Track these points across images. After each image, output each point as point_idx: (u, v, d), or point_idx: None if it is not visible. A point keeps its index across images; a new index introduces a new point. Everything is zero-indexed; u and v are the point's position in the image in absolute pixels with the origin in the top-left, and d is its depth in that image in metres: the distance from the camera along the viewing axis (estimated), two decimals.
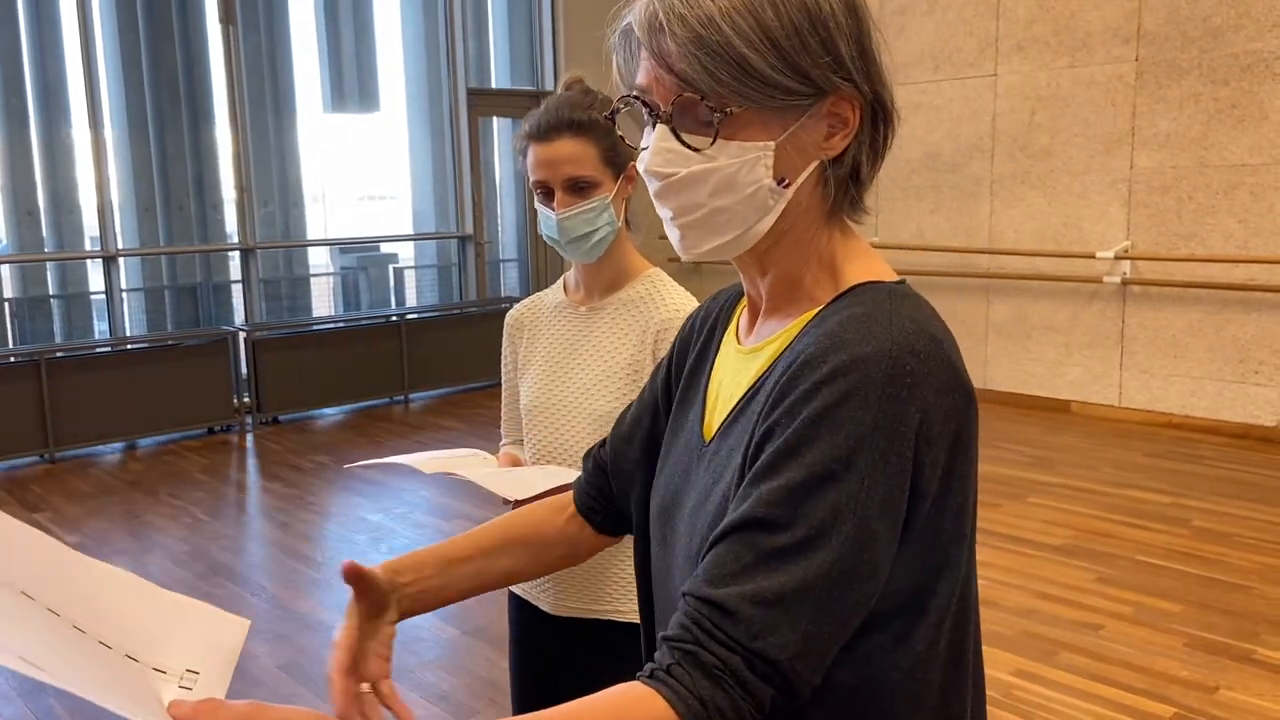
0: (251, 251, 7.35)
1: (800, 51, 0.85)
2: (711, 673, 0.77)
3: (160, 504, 5.24)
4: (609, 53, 0.97)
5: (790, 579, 0.78)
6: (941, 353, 0.84)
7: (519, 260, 8.93)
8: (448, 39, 8.09)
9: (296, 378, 7.04)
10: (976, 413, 0.86)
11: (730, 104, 0.86)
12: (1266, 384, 5.82)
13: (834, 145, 0.90)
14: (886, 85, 0.92)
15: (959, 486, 0.86)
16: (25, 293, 6.91)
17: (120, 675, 0.78)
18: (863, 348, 0.82)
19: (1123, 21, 6.15)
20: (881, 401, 0.80)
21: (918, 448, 0.81)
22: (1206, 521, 4.53)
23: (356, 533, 4.80)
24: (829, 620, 0.79)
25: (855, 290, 0.91)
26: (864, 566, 0.80)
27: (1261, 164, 5.71)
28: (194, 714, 0.76)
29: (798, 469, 0.80)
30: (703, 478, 0.95)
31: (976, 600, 0.92)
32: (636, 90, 0.92)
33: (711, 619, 0.79)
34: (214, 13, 7.12)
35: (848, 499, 0.79)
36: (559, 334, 1.82)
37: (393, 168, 8.51)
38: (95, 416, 6.25)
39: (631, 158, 1.75)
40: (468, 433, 6.63)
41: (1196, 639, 3.42)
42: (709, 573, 0.81)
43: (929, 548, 0.85)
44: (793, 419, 0.82)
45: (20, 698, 3.27)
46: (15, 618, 0.75)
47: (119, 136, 6.97)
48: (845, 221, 0.96)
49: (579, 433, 1.74)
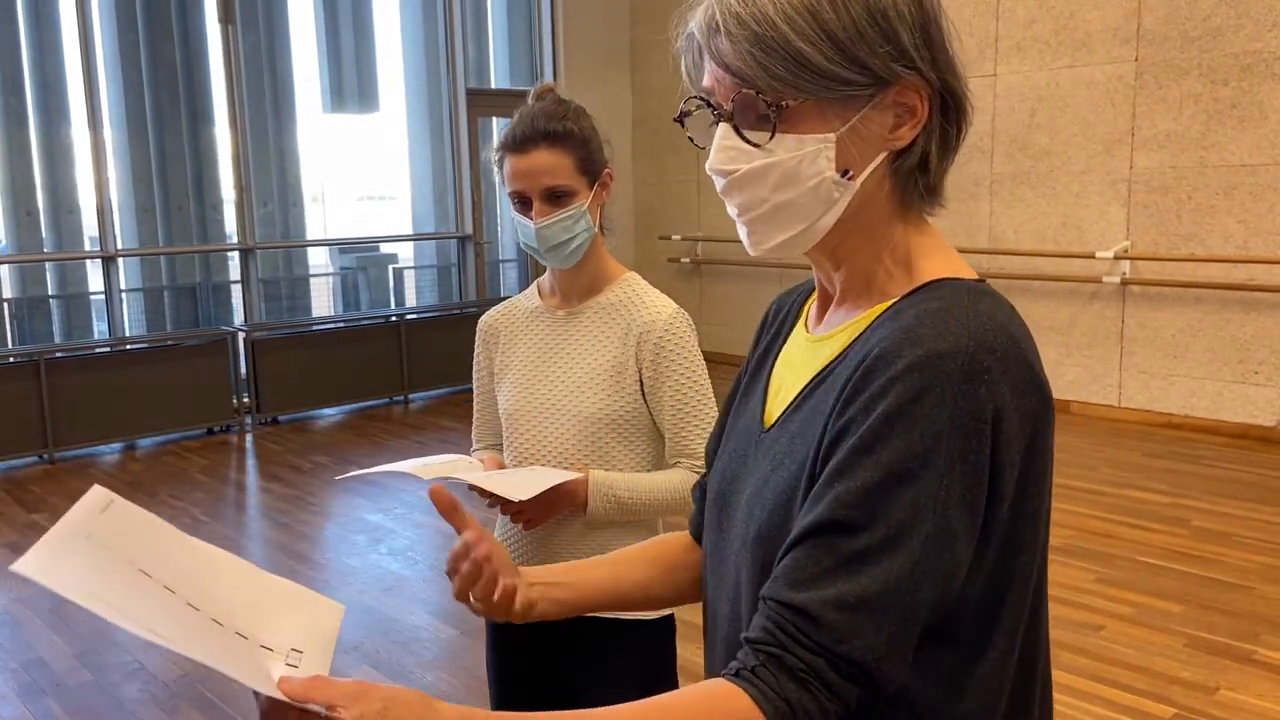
0: (251, 252, 7.35)
1: (857, 42, 0.84)
2: (797, 675, 0.78)
3: (159, 504, 5.24)
4: (675, 56, 0.98)
5: (873, 582, 0.78)
6: (1020, 352, 0.83)
7: (518, 260, 8.93)
8: (447, 39, 8.09)
9: (296, 378, 7.04)
10: (1053, 417, 0.85)
11: (786, 97, 0.85)
12: (1266, 384, 5.82)
13: (902, 136, 0.89)
14: (957, 74, 0.91)
15: (1034, 491, 0.84)
16: (25, 293, 6.90)
17: (233, 649, 0.82)
18: (939, 343, 0.81)
19: (1122, 21, 6.15)
20: (957, 398, 0.79)
21: (995, 448, 0.80)
22: (1206, 522, 4.52)
23: (356, 533, 4.80)
24: (913, 620, 0.79)
25: (932, 285, 0.89)
26: (946, 564, 0.79)
27: (1261, 164, 5.71)
28: (304, 689, 0.78)
29: (874, 469, 0.79)
30: (761, 464, 0.95)
31: (1047, 610, 0.91)
32: (703, 93, 0.93)
33: (795, 624, 0.78)
34: (213, 12, 7.12)
35: (927, 497, 0.78)
36: (537, 338, 1.83)
37: (392, 168, 8.51)
38: (94, 417, 6.25)
39: (605, 165, 1.76)
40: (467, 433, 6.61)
41: (1196, 639, 3.42)
42: (789, 576, 0.81)
43: (1003, 553, 0.84)
44: (867, 415, 0.81)
45: (19, 698, 3.27)
46: (138, 593, 0.80)
47: (118, 137, 6.97)
48: (921, 216, 0.95)
49: (562, 434, 1.76)
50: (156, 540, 0.89)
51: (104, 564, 0.81)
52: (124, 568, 0.82)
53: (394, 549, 4.57)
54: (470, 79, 8.25)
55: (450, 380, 7.72)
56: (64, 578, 0.75)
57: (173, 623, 0.79)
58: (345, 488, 5.47)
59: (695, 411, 1.73)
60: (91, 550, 0.81)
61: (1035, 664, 0.90)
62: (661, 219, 8.83)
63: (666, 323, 1.73)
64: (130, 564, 0.83)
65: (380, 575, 4.27)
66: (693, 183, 8.64)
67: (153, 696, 3.27)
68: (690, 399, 1.73)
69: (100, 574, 0.79)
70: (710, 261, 8.59)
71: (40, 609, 3.95)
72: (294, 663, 0.85)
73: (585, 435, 1.74)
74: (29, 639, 3.70)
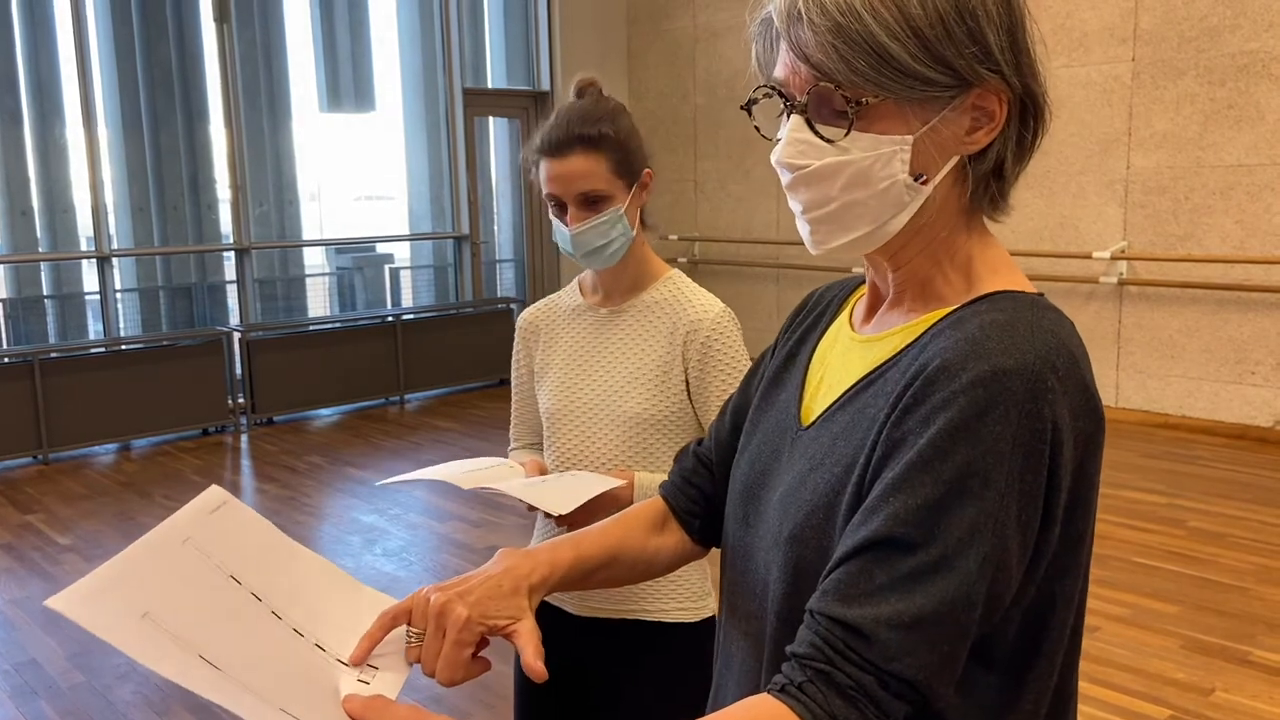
0: (246, 251, 7.33)
1: (944, 41, 0.82)
2: (846, 693, 0.76)
3: (154, 505, 5.22)
4: (747, 40, 0.94)
5: (928, 601, 0.76)
6: (1079, 373, 0.81)
7: (515, 260, 8.92)
8: (444, 38, 8.07)
9: (291, 378, 7.02)
10: (1104, 439, 0.83)
11: (866, 94, 0.83)
12: (1263, 384, 5.82)
13: (977, 140, 0.86)
14: (1039, 78, 0.89)
15: (1081, 514, 0.83)
16: (19, 293, 6.88)
17: (302, 668, 0.84)
18: (1005, 359, 0.78)
19: (1119, 21, 6.14)
20: (1021, 417, 0.77)
21: (1051, 469, 0.78)
22: (1202, 522, 4.52)
23: (350, 534, 4.79)
24: (965, 640, 0.77)
25: (995, 296, 0.87)
26: (1000, 585, 0.78)
27: (1258, 164, 5.71)
28: (364, 710, 0.80)
29: (933, 485, 0.77)
30: (798, 461, 0.93)
31: (1082, 633, 0.91)
32: (774, 82, 0.89)
33: (845, 640, 0.77)
34: (209, 11, 7.10)
35: (986, 517, 0.76)
36: (579, 336, 1.79)
37: (389, 167, 8.49)
38: (89, 417, 6.23)
39: (645, 165, 1.74)
40: (464, 434, 6.61)
41: (1192, 640, 3.41)
42: (840, 591, 0.79)
43: (1049, 576, 0.82)
44: (927, 428, 0.79)
45: (11, 701, 3.26)
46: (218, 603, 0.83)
47: (113, 136, 6.95)
48: (984, 225, 0.92)
49: (607, 436, 1.72)
50: (259, 545, 0.91)
51: (190, 572, 0.84)
52: (213, 575, 0.85)
53: (388, 550, 4.56)
54: (467, 78, 8.24)
55: (447, 381, 7.71)
56: (101, 616, 0.77)
57: (242, 642, 0.81)
58: (340, 489, 5.46)
59: None
60: (185, 555, 0.84)
61: (1069, 686, 0.89)
62: (659, 219, 8.77)
63: (714, 321, 1.70)
64: (221, 569, 0.86)
65: (375, 577, 4.26)
66: (690, 183, 8.64)
67: (145, 699, 3.26)
68: None
69: (178, 585, 0.82)
70: (707, 261, 8.59)
71: (33, 611, 3.94)
72: (366, 679, 0.86)
73: (630, 436, 1.71)
74: (22, 641, 3.69)
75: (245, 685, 0.78)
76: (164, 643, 0.78)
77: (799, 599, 0.86)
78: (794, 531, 0.88)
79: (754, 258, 8.30)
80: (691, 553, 1.14)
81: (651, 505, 1.14)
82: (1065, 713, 0.89)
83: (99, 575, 0.81)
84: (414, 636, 0.92)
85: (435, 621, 0.91)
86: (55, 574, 4.31)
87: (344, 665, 0.87)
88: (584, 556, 1.04)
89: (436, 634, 0.91)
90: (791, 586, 0.88)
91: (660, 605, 1.71)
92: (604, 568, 1.07)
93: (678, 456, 1.18)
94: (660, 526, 1.13)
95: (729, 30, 8.20)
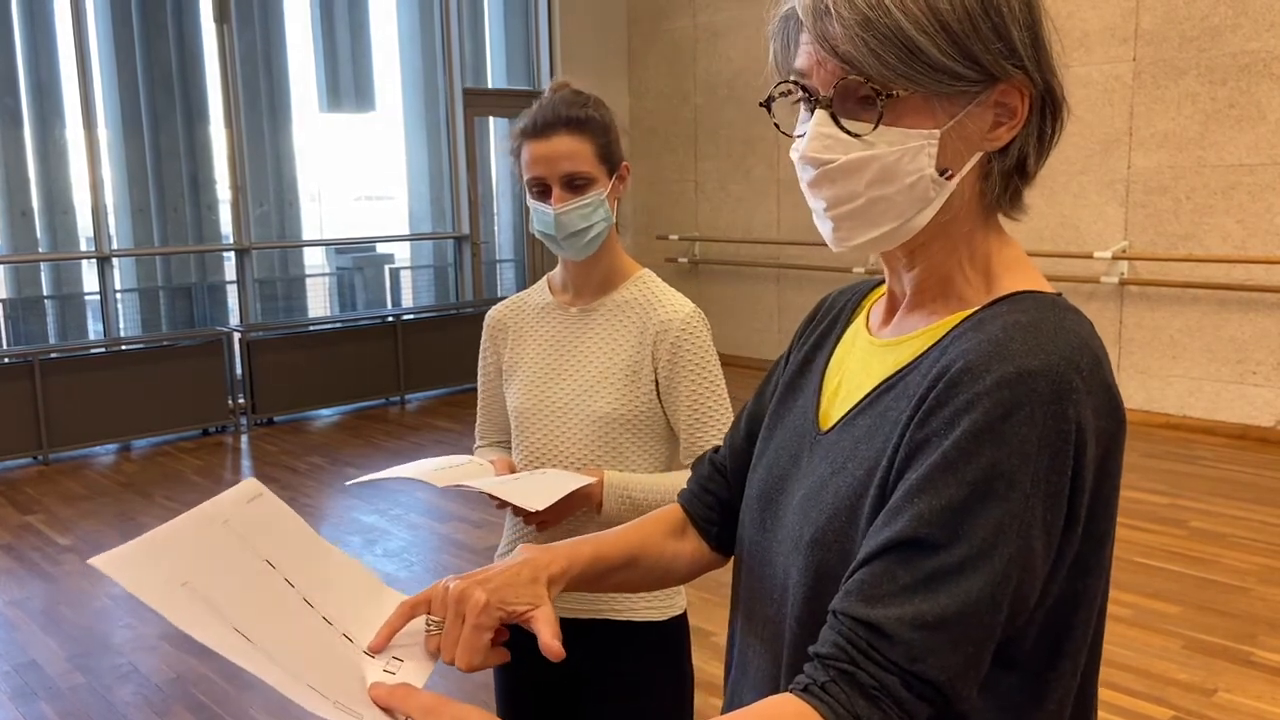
0: (246, 252, 7.33)
1: (971, 36, 0.82)
2: (869, 693, 0.76)
3: (154, 506, 5.22)
4: (769, 38, 0.93)
5: (952, 602, 0.76)
6: (1102, 374, 0.81)
7: (515, 260, 8.92)
8: (444, 38, 8.07)
9: (292, 378, 7.02)
10: (1125, 439, 0.83)
11: (896, 87, 0.82)
12: (1264, 384, 5.81)
13: (999, 137, 0.87)
14: (1058, 75, 0.89)
15: (1103, 513, 0.83)
16: (19, 293, 6.88)
17: (330, 652, 0.87)
18: (1030, 360, 0.78)
19: (1120, 21, 6.14)
20: (1047, 418, 0.77)
21: (1075, 470, 0.78)
22: (1203, 522, 4.51)
23: (351, 534, 4.78)
24: (989, 640, 0.77)
25: (1016, 297, 0.87)
26: (1025, 587, 0.78)
27: (1259, 164, 5.70)
28: (389, 696, 0.84)
29: (958, 486, 0.77)
30: (818, 466, 0.92)
31: (1103, 635, 0.90)
32: (795, 75, 0.88)
33: (868, 640, 0.77)
34: (209, 11, 7.10)
35: (1011, 518, 0.76)
36: (549, 335, 1.79)
37: (389, 168, 8.49)
38: (89, 417, 6.23)
39: (623, 158, 1.74)
40: (464, 434, 6.60)
41: (1194, 641, 3.41)
42: (863, 591, 0.78)
43: (1072, 576, 0.82)
44: (952, 429, 0.78)
45: (11, 702, 3.25)
46: (251, 583, 0.87)
47: (113, 136, 6.95)
48: (1000, 223, 0.93)
49: (575, 435, 1.72)
50: (292, 536, 0.95)
51: (228, 551, 0.88)
52: (249, 557, 0.89)
53: (389, 550, 4.56)
54: (467, 79, 8.24)
55: (447, 381, 7.70)
56: (143, 580, 0.80)
57: (274, 620, 0.85)
58: (341, 489, 5.45)
59: (711, 412, 1.70)
60: (224, 535, 0.88)
61: (1090, 687, 0.88)
62: (659, 219, 8.82)
63: (683, 322, 1.70)
64: (257, 554, 0.89)
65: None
66: (690, 182, 8.63)
67: (146, 699, 3.25)
68: (706, 400, 1.70)
69: (217, 561, 0.86)
70: (707, 261, 8.58)
71: (33, 611, 3.94)
72: (391, 670, 0.89)
73: (599, 435, 1.71)
74: (22, 642, 3.69)
75: (275, 659, 0.80)
76: (201, 612, 0.80)
77: (820, 603, 0.85)
78: (816, 535, 0.88)
79: (754, 258, 8.29)
80: (710, 561, 1.14)
81: (670, 512, 1.14)
82: (1087, 715, 0.89)
83: (142, 541, 0.84)
84: (433, 625, 0.93)
85: (454, 607, 0.92)
86: (55, 575, 4.31)
87: (370, 656, 0.90)
88: (603, 556, 1.04)
89: (456, 619, 0.92)
90: (812, 590, 0.88)
91: (629, 604, 1.72)
92: (622, 569, 1.06)
93: (694, 465, 1.17)
94: (679, 533, 1.13)
95: (729, 30, 8.20)
